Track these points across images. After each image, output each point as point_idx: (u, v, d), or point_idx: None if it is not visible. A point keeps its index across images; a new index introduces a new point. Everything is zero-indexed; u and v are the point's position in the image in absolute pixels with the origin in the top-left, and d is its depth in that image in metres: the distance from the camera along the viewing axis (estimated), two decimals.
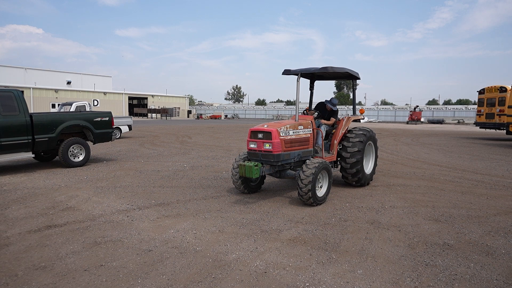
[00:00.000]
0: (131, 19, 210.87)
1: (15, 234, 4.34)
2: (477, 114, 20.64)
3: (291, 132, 5.80)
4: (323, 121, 6.94)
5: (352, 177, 6.74)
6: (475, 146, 15.19)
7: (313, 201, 5.44)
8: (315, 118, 6.81)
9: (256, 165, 5.48)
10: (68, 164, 8.98)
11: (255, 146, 5.73)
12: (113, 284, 3.13)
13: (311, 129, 6.27)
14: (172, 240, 4.17)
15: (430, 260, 3.66)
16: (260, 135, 5.69)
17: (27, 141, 8.26)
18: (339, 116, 7.34)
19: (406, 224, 4.79)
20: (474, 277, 3.29)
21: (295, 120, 6.13)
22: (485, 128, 20.16)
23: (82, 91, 50.59)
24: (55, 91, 46.74)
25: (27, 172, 8.40)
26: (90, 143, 9.88)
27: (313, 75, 7.35)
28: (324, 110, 7.30)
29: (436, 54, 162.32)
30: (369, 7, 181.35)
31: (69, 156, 9.06)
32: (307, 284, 3.16)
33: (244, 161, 5.87)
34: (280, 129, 5.62)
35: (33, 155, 8.87)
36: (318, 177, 5.65)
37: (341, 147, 6.80)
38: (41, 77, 54.63)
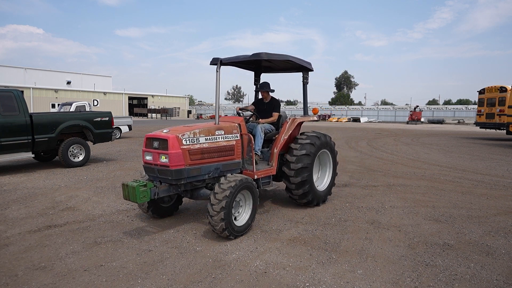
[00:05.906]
0: (131, 19, 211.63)
1: (15, 234, 4.34)
2: (477, 114, 20.65)
3: (202, 139, 4.30)
4: (262, 120, 5.48)
5: (299, 199, 5.33)
6: (475, 146, 15.19)
7: (228, 233, 4.02)
8: (247, 121, 5.42)
9: (143, 185, 4.01)
10: (68, 164, 8.98)
11: (151, 158, 4.24)
12: (113, 284, 3.13)
13: (238, 135, 4.74)
14: (172, 240, 4.17)
15: (430, 260, 3.66)
16: (155, 144, 4.22)
17: (27, 141, 8.26)
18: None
19: (406, 224, 4.79)
20: (474, 277, 3.29)
21: (215, 123, 4.69)
22: (485, 128, 20.18)
23: (82, 91, 50.59)
24: (55, 91, 46.74)
25: (27, 172, 8.40)
26: (90, 143, 9.88)
27: (259, 67, 5.94)
28: (262, 105, 5.75)
29: (436, 54, 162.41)
30: (369, 7, 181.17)
31: (69, 156, 9.06)
32: (307, 284, 3.16)
33: (133, 180, 4.27)
34: (183, 135, 4.13)
35: (33, 155, 8.89)
36: (239, 199, 4.30)
37: (285, 160, 5.28)
38: (41, 77, 54.60)
